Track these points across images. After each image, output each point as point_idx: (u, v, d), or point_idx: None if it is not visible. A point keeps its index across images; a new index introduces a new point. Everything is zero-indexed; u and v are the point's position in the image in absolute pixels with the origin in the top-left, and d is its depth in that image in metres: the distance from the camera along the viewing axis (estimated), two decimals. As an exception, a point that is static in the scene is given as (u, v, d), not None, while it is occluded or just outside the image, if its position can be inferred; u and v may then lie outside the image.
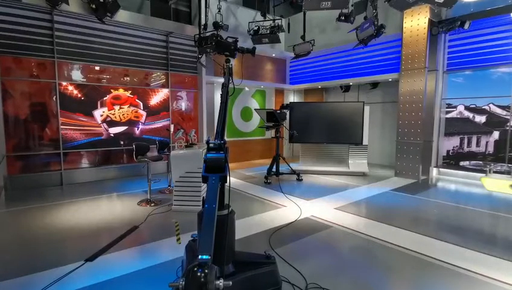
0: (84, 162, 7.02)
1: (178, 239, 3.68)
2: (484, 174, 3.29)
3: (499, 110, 6.74)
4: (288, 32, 7.65)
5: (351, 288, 2.65)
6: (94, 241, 3.59)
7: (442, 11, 7.04)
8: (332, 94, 10.69)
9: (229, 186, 2.39)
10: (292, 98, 11.45)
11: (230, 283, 1.36)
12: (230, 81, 3.16)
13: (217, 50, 3.44)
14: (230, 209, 2.43)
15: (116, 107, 7.29)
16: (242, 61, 9.74)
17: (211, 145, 2.30)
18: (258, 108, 10.26)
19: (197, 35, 7.25)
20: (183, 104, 8.43)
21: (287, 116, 7.72)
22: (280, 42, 8.04)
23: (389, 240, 3.68)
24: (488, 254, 3.31)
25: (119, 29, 7.12)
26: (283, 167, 7.45)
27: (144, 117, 7.73)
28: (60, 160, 6.58)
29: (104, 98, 7.11)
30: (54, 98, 6.45)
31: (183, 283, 1.30)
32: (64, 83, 6.55)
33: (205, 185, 4.64)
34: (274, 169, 7.14)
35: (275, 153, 7.19)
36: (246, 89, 10.14)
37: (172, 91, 8.12)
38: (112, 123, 7.25)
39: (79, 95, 6.77)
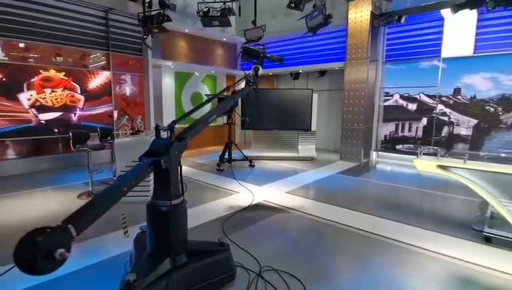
0: (10, 153, 6.17)
1: (125, 232, 3.46)
2: (416, 156, 3.65)
3: (427, 99, 7.53)
4: (239, 15, 7.49)
5: (302, 268, 2.78)
6: (25, 241, 3.19)
7: (382, 4, 7.51)
8: (283, 81, 10.88)
9: (180, 176, 2.30)
10: (243, 84, 11.37)
11: (68, 254, 1.30)
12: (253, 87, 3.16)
13: (245, 57, 3.31)
14: (182, 199, 2.35)
15: (47, 91, 6.48)
16: (190, 44, 9.35)
17: (161, 131, 2.24)
18: (209, 94, 10.02)
19: (141, 14, 6.71)
20: (127, 89, 7.83)
21: (239, 103, 7.66)
22: (231, 26, 7.84)
23: (336, 220, 3.93)
24: (419, 227, 3.73)
25: (48, 0, 6.24)
26: (235, 154, 7.44)
27: (81, 102, 7.01)
28: (-22, 151, 5.69)
29: (32, 80, 6.25)
30: (-34, 79, 5.48)
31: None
32: (-22, 61, 5.59)
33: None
34: (226, 156, 7.09)
35: (227, 140, 7.13)
36: (196, 73, 9.79)
37: (114, 74, 7.47)
38: (42, 108, 6.44)
39: (-1, 76, 5.85)
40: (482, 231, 3.34)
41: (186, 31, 9.02)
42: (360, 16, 7.48)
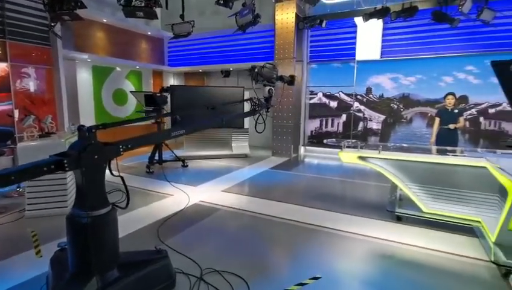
0: None
1: (38, 252, 2.97)
2: (340, 150, 4.01)
3: (346, 97, 8.35)
4: (167, 8, 7.08)
5: (243, 264, 2.78)
6: None
7: (306, 8, 8.01)
8: (213, 78, 10.74)
9: (124, 185, 2.08)
10: (172, 81, 10.88)
11: None
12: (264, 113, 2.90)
13: (258, 80, 3.03)
14: (110, 207, 2.12)
15: None
16: (110, 36, 8.52)
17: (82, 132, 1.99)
18: (134, 90, 9.29)
19: (47, -3, 5.80)
20: (31, 84, 6.69)
21: (168, 100, 7.28)
22: (157, 18, 7.37)
23: (272, 214, 4.06)
24: (343, 213, 4.11)
25: None
26: (166, 154, 7.07)
27: (-32, 99, 5.74)
28: None
29: None
30: None
31: None
32: None
33: (72, 182, 3.91)
34: (156, 157, 6.69)
35: (157, 140, 6.72)
36: (118, 69, 8.96)
37: (13, 66, 6.30)
38: None
39: None
40: (393, 211, 3.86)
41: (105, 20, 8.17)
42: (286, 17, 7.84)
